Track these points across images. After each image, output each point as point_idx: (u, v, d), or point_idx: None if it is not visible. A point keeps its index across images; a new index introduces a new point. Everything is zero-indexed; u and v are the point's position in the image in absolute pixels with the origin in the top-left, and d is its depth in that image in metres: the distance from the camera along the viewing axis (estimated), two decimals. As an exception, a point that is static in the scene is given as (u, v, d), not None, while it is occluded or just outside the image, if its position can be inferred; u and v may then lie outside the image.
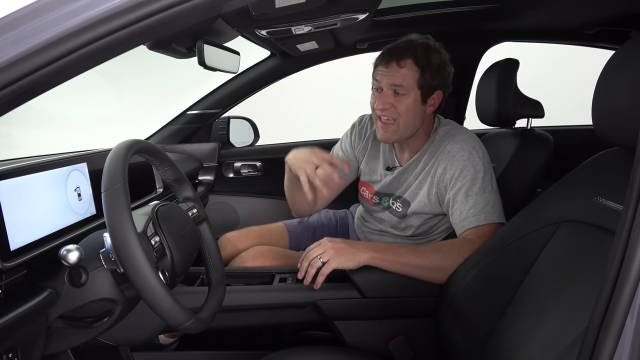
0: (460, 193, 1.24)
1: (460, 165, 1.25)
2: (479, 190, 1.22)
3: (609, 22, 1.63)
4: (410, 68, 1.25)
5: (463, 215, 1.22)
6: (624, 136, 0.76)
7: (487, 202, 1.21)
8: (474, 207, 1.21)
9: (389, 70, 1.26)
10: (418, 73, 1.25)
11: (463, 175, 1.24)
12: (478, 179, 1.23)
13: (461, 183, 1.24)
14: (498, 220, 1.21)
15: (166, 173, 0.98)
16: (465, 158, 1.25)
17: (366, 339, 1.24)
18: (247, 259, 1.42)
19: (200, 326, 0.81)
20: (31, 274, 0.79)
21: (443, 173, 1.28)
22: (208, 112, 2.03)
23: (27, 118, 2.58)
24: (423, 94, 1.27)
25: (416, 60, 1.25)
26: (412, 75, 1.25)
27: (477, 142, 1.31)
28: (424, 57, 1.25)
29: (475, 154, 1.26)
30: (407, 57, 1.25)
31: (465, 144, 1.28)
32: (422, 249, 1.20)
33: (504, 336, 0.91)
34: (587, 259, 0.82)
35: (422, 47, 1.27)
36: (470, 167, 1.24)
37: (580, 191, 0.92)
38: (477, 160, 1.25)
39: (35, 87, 0.59)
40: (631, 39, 0.81)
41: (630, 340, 0.52)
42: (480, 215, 1.20)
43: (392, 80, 1.26)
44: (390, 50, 1.28)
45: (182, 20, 0.63)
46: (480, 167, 1.25)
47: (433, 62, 1.26)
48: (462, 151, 1.26)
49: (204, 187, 2.03)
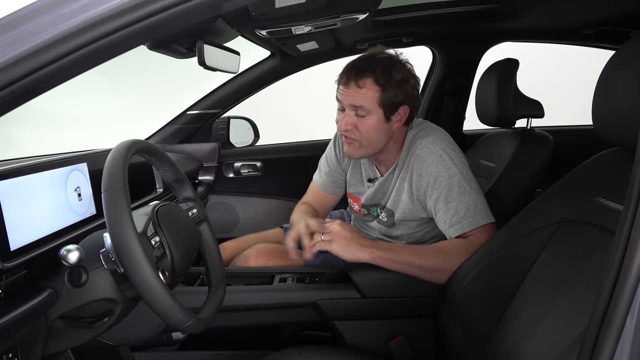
0: (440, 201, 1.21)
1: (433, 171, 1.22)
2: (458, 194, 1.19)
3: (609, 22, 1.63)
4: (370, 87, 1.20)
5: (447, 224, 1.21)
6: (624, 136, 0.76)
7: (468, 207, 1.19)
8: (456, 215, 1.19)
9: (349, 90, 1.22)
10: (378, 92, 1.20)
11: (438, 183, 1.21)
12: (454, 183, 1.20)
13: (438, 191, 1.21)
14: (484, 222, 1.18)
15: (166, 173, 0.98)
16: (436, 163, 1.22)
17: (366, 339, 1.24)
18: (250, 257, 1.42)
19: (200, 326, 0.81)
20: (31, 274, 0.80)
21: (419, 179, 1.25)
22: (208, 112, 2.03)
23: (26, 118, 2.59)
24: (386, 112, 1.22)
25: (376, 79, 1.20)
26: (372, 95, 1.20)
27: (447, 142, 1.27)
28: (383, 75, 1.20)
29: (446, 155, 1.22)
30: (366, 75, 1.20)
31: (434, 146, 1.24)
32: (424, 249, 1.20)
33: (504, 336, 0.91)
34: (587, 259, 0.82)
35: (382, 64, 1.21)
36: (444, 172, 1.21)
37: (580, 191, 0.92)
38: (449, 163, 1.21)
39: (35, 87, 0.59)
40: (631, 39, 0.81)
41: (630, 341, 0.52)
42: (464, 221, 1.18)
43: (352, 101, 1.21)
44: (350, 69, 1.23)
45: (182, 20, 0.63)
46: (453, 170, 1.21)
47: (394, 78, 1.21)
48: (431, 155, 1.23)
49: (204, 187, 2.03)
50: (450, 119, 2.10)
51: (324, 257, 1.48)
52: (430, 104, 2.11)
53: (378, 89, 1.20)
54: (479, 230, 1.18)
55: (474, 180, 1.24)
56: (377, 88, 1.20)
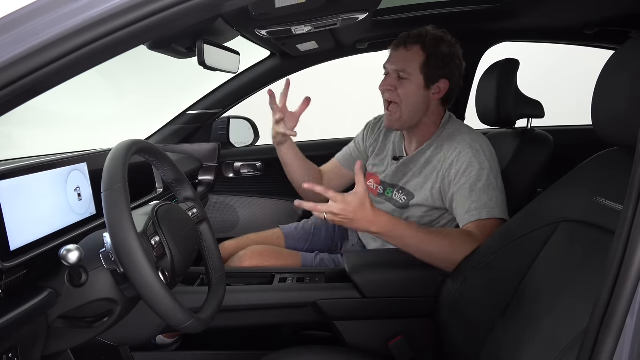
0: (464, 188, 1.23)
1: (467, 161, 1.25)
2: (484, 186, 1.22)
3: (609, 22, 1.63)
4: (416, 52, 1.30)
5: (465, 209, 1.21)
6: (623, 136, 0.75)
7: (490, 198, 1.21)
8: (478, 202, 1.20)
9: (396, 54, 1.32)
10: (422, 58, 1.29)
11: (469, 171, 1.24)
12: (483, 175, 1.23)
13: (466, 178, 1.24)
14: (500, 216, 1.20)
15: (166, 173, 0.98)
16: (471, 155, 1.25)
17: (366, 339, 1.24)
18: (245, 258, 1.42)
19: (200, 326, 0.81)
20: (31, 274, 0.80)
21: (449, 169, 1.28)
22: (208, 112, 2.03)
23: (27, 118, 2.59)
24: (426, 80, 1.30)
25: (423, 46, 1.29)
26: (417, 60, 1.29)
27: (486, 143, 1.32)
28: (431, 44, 1.29)
29: (482, 152, 1.27)
30: (415, 42, 1.30)
31: (474, 142, 1.29)
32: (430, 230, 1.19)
33: (504, 336, 0.91)
34: (587, 259, 0.82)
35: (432, 36, 1.31)
36: (476, 163, 1.24)
37: (580, 191, 0.92)
38: (483, 158, 1.25)
39: (35, 87, 0.59)
40: (631, 39, 0.81)
41: (630, 340, 0.52)
42: (483, 210, 1.19)
43: (397, 63, 1.31)
44: (402, 37, 1.33)
45: (182, 20, 0.63)
46: (486, 164, 1.25)
47: (440, 51, 1.30)
48: (469, 148, 1.27)
49: (204, 187, 2.03)
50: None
51: (322, 258, 1.49)
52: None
53: (423, 55, 1.30)
54: (490, 223, 1.18)
55: (501, 181, 1.28)
56: (422, 54, 1.30)
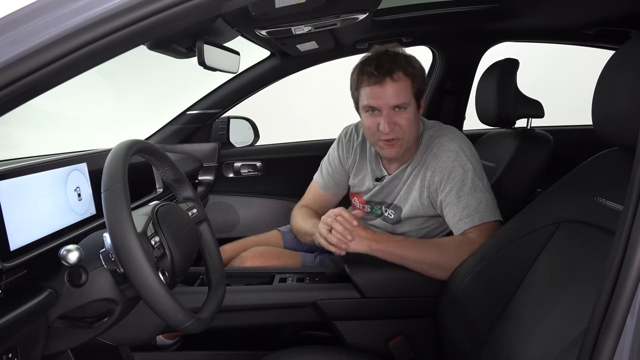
0: (451, 195, 1.22)
1: (448, 166, 1.24)
2: (470, 190, 1.21)
3: (609, 22, 1.63)
4: (403, 80, 1.21)
5: (457, 217, 1.21)
6: (623, 136, 0.76)
7: (479, 202, 1.20)
8: (467, 208, 1.20)
9: (385, 88, 1.20)
10: (409, 82, 1.22)
11: (452, 177, 1.23)
12: (467, 178, 1.22)
13: (451, 185, 1.23)
14: (493, 218, 1.20)
15: (166, 173, 0.98)
16: (452, 159, 1.24)
17: (366, 339, 1.24)
18: (247, 259, 1.42)
19: (200, 326, 0.81)
20: (31, 274, 0.79)
21: (432, 176, 1.26)
22: (208, 112, 2.03)
23: (27, 118, 2.59)
24: (417, 101, 1.26)
25: (404, 70, 1.21)
26: (407, 87, 1.22)
27: (464, 141, 1.29)
28: (408, 65, 1.22)
29: (462, 152, 1.25)
30: (396, 69, 1.20)
31: (451, 144, 1.26)
32: (421, 243, 1.21)
33: (504, 336, 0.91)
34: (587, 259, 0.82)
35: (402, 56, 1.23)
36: (458, 167, 1.23)
37: (580, 191, 0.92)
38: (464, 159, 1.24)
39: (35, 87, 0.59)
40: (631, 39, 0.81)
41: (630, 340, 0.52)
42: (475, 215, 1.19)
43: (394, 98, 1.20)
44: (378, 68, 1.20)
45: (182, 20, 0.63)
46: (468, 166, 1.23)
47: (416, 67, 1.24)
48: (448, 152, 1.25)
49: (204, 187, 2.03)
50: (450, 118, 2.10)
51: (322, 258, 1.48)
52: (430, 104, 2.11)
53: (408, 79, 1.23)
54: (485, 227, 1.18)
55: (486, 179, 1.26)
56: (407, 79, 1.22)
